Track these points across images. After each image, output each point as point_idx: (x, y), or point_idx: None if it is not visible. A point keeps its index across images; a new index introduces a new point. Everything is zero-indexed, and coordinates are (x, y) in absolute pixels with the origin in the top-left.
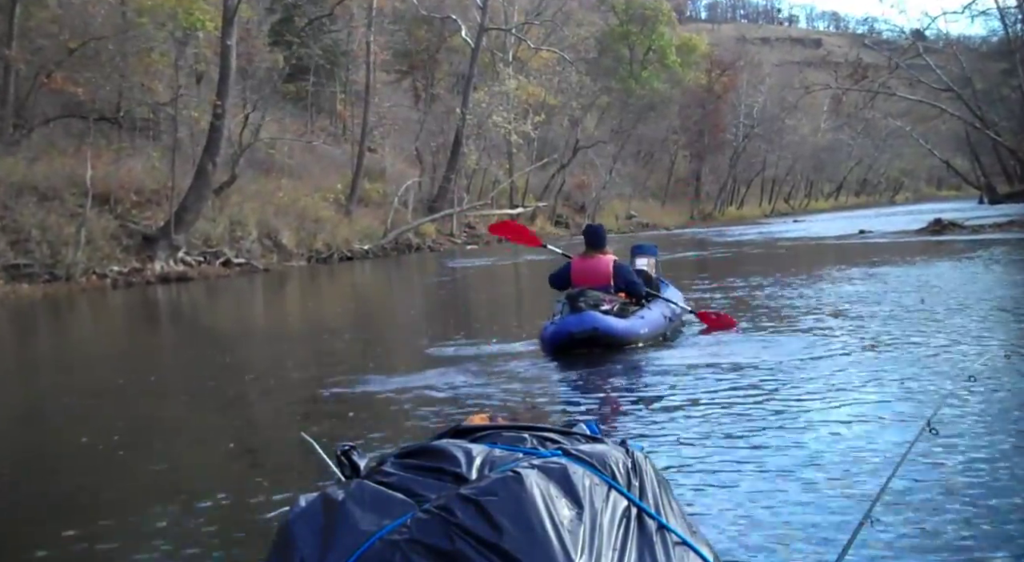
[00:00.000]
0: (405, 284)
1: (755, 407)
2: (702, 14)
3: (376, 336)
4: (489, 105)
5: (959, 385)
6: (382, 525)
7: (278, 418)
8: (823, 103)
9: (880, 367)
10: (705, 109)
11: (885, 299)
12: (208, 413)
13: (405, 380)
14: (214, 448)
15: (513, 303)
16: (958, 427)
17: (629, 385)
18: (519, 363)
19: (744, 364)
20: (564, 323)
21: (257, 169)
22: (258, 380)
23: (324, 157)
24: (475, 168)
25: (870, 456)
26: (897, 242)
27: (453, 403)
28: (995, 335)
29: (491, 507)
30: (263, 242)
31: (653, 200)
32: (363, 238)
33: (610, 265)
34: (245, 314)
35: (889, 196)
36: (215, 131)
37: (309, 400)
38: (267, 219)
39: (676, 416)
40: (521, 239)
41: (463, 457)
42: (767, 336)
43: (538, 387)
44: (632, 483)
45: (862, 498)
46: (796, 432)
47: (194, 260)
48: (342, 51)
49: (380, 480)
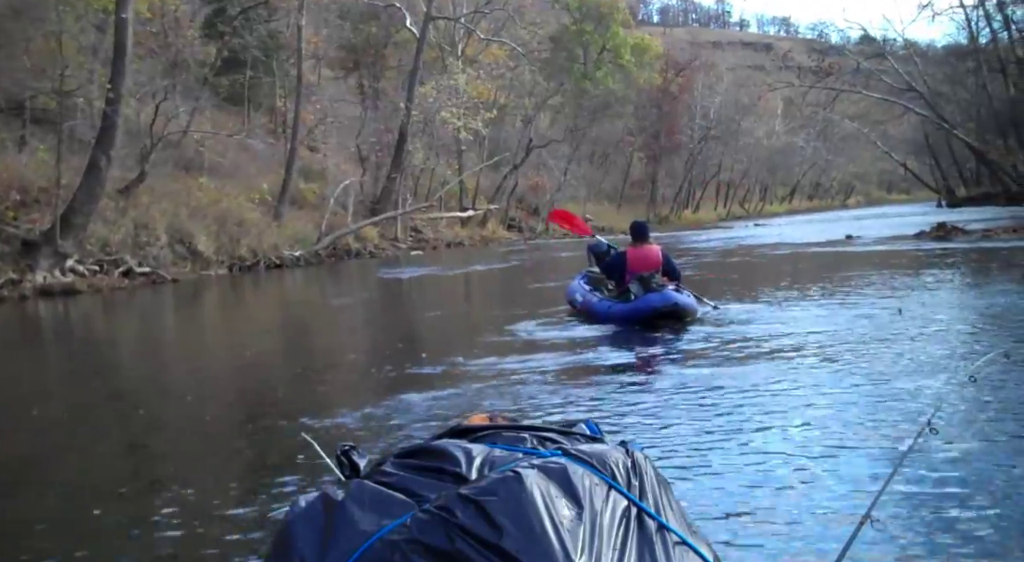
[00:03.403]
0: (341, 295)
1: (755, 407)
2: (654, 18)
3: (314, 361)
4: (437, 100)
5: (959, 385)
6: (382, 525)
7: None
8: (777, 106)
9: (880, 367)
10: (661, 110)
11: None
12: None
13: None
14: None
15: (470, 316)
16: (958, 427)
17: (629, 385)
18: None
19: (744, 365)
20: (647, 300)
21: (180, 167)
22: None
23: (261, 156)
24: (422, 167)
25: (870, 456)
26: (902, 250)
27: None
28: (996, 336)
29: (491, 507)
30: (174, 249)
31: (608, 203)
32: (294, 243)
33: (659, 253)
34: (136, 335)
35: (841, 200)
36: (108, 120)
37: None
38: (180, 222)
39: (676, 416)
40: (576, 228)
41: (463, 457)
42: (767, 336)
43: (538, 387)
44: (632, 483)
45: (862, 498)
46: (796, 432)
47: (87, 269)
48: (280, 44)
49: (380, 480)
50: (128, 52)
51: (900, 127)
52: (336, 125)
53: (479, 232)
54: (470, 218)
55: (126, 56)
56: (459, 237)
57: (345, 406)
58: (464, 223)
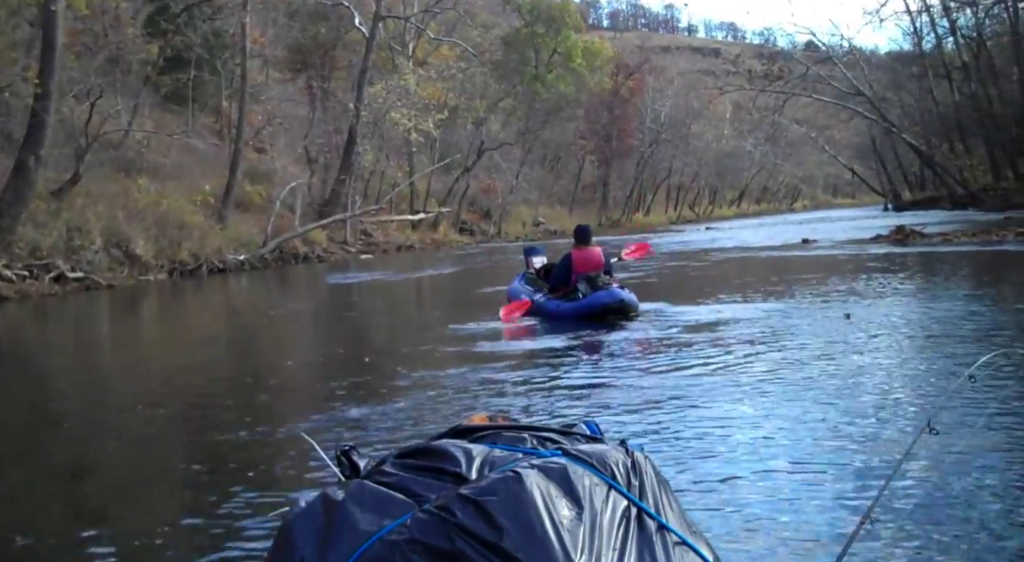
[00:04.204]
0: (286, 302)
1: (755, 407)
2: (604, 22)
3: (257, 372)
4: (387, 100)
5: (959, 385)
6: (382, 525)
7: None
8: (726, 110)
9: (880, 368)
10: (612, 113)
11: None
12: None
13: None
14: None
15: (419, 322)
16: (958, 427)
17: (629, 385)
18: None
19: (744, 365)
20: (596, 297)
21: (119, 168)
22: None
23: (206, 157)
24: (372, 169)
25: (870, 456)
26: (864, 253)
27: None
28: (995, 337)
29: (491, 507)
30: (110, 253)
31: (560, 206)
32: (239, 247)
33: (602, 254)
34: (68, 345)
35: (788, 204)
36: (36, 117)
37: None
38: (117, 225)
39: (676, 416)
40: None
41: (463, 457)
42: (767, 338)
43: (538, 388)
44: (632, 483)
45: (862, 498)
46: (796, 432)
47: (16, 275)
48: (224, 43)
49: (380, 480)
50: (58, 47)
51: (846, 132)
52: (284, 126)
53: (430, 235)
54: (421, 221)
55: (56, 51)
56: (410, 240)
57: (289, 419)
58: (415, 226)
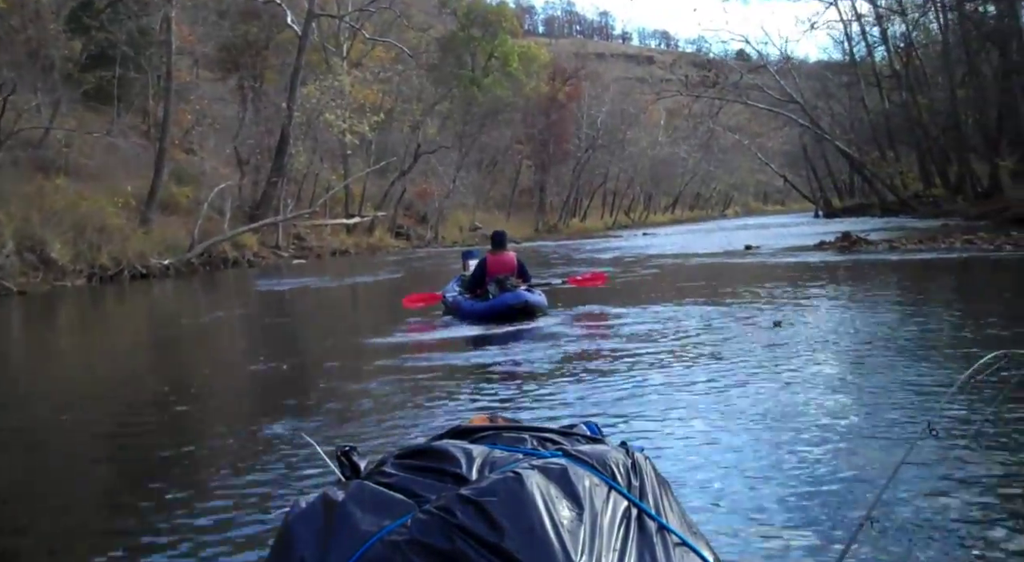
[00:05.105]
0: (211, 310)
1: (755, 408)
2: (540, 28)
3: (171, 386)
4: (320, 100)
5: (959, 386)
6: (382, 526)
7: None
8: (660, 117)
9: (881, 369)
10: (549, 118)
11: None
12: None
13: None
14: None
15: (350, 328)
16: (959, 428)
17: (628, 385)
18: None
19: (743, 366)
20: (502, 298)
21: (38, 168)
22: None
23: (131, 158)
24: (305, 172)
25: (871, 457)
26: (815, 261)
27: None
28: (994, 337)
29: (491, 508)
30: (23, 256)
31: (498, 211)
32: (164, 251)
33: (515, 259)
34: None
35: (720, 210)
36: None
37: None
38: (31, 228)
39: (676, 416)
40: (428, 300)
41: (463, 458)
42: (766, 338)
43: (538, 388)
44: (632, 484)
45: (862, 499)
46: (797, 432)
47: None
48: (151, 41)
49: (380, 481)
50: None
51: (778, 140)
52: (215, 127)
53: (366, 239)
54: (356, 225)
55: None
56: (345, 245)
57: (211, 433)
58: (350, 230)
